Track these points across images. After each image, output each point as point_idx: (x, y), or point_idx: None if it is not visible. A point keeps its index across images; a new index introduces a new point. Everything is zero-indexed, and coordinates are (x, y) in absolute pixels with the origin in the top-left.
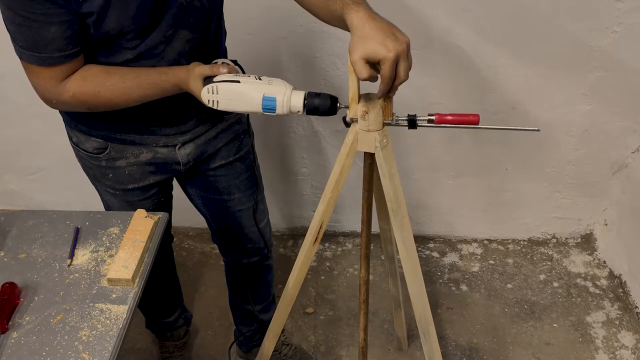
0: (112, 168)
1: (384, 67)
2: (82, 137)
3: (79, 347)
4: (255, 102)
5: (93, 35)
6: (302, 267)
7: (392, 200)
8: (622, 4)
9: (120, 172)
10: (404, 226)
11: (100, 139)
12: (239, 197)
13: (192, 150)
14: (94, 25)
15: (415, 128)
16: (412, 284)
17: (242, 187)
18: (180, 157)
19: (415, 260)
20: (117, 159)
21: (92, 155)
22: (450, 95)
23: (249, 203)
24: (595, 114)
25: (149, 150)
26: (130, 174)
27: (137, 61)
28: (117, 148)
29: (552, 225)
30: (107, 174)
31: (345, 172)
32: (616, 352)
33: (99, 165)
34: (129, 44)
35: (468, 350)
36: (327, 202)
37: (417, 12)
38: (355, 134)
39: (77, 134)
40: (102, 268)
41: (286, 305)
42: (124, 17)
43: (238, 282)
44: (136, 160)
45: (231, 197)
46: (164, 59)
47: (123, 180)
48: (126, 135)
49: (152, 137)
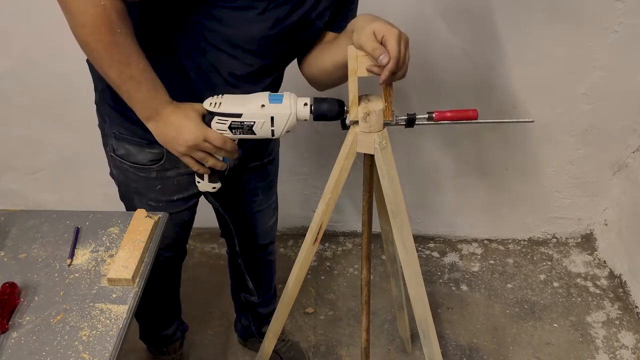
0: (161, 179)
1: (390, 40)
2: (134, 149)
3: (79, 347)
4: (259, 101)
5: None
6: (302, 267)
7: (391, 201)
8: (622, 4)
9: (169, 182)
10: (403, 227)
11: (157, 150)
12: (262, 198)
13: (241, 154)
14: None
15: (412, 127)
16: (412, 286)
17: (266, 188)
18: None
19: (415, 262)
20: (169, 169)
21: (143, 167)
22: (450, 95)
23: (267, 202)
24: (595, 114)
25: None
26: (179, 183)
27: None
28: (173, 157)
29: (552, 225)
30: (154, 185)
31: (345, 174)
32: (616, 352)
33: (147, 177)
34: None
35: (468, 350)
36: (327, 203)
37: (417, 12)
38: (354, 136)
39: (128, 146)
40: (102, 268)
41: (286, 305)
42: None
43: (241, 273)
44: (187, 170)
45: (254, 199)
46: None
47: (170, 191)
48: None
49: None
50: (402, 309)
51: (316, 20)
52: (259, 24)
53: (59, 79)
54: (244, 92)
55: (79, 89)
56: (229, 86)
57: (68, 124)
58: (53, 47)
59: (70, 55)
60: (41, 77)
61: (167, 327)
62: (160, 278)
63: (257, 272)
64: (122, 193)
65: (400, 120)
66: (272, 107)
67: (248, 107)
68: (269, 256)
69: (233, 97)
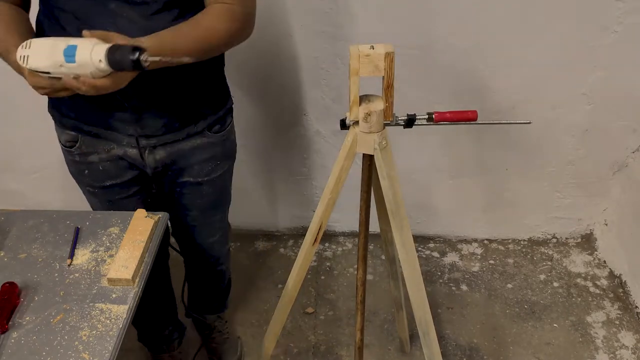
0: (85, 164)
1: None
2: (58, 130)
3: (79, 347)
4: (57, 50)
5: None
6: (301, 267)
7: (391, 202)
8: (622, 4)
9: (94, 167)
10: (403, 228)
11: (72, 131)
12: (197, 215)
13: (163, 156)
14: None
15: (411, 127)
16: (412, 286)
17: (204, 207)
18: (148, 162)
19: (415, 263)
20: (89, 154)
21: (67, 150)
22: (451, 95)
23: (204, 220)
24: (596, 114)
25: (120, 148)
26: (105, 169)
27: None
28: (88, 142)
29: (552, 225)
30: (82, 170)
31: (344, 174)
32: (616, 352)
33: (73, 160)
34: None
35: (468, 350)
36: (327, 203)
37: (417, 13)
38: (354, 136)
39: (56, 126)
40: (102, 268)
41: (286, 305)
42: None
43: (189, 277)
44: (108, 155)
45: (189, 213)
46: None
47: (99, 177)
48: (92, 127)
49: (114, 134)
50: (401, 310)
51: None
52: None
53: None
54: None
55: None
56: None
57: None
58: None
59: None
60: None
61: (164, 328)
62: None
63: (202, 278)
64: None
65: (399, 120)
66: (70, 67)
67: (52, 62)
68: (216, 267)
69: (40, 47)
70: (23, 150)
